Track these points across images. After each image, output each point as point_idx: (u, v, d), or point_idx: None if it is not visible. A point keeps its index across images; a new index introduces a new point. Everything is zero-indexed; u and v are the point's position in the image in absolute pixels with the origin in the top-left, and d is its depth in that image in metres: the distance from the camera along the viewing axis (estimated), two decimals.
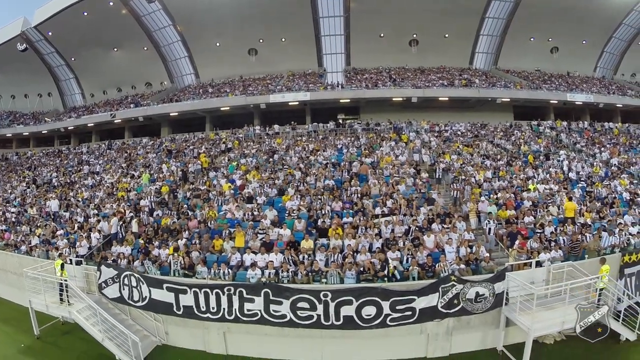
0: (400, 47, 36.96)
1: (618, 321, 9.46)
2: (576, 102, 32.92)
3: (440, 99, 29.03)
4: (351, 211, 13.16)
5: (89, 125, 33.36)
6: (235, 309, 9.65)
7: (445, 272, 9.42)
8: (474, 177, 15.49)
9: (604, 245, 10.71)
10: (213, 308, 9.82)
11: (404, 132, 23.54)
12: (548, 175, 16.89)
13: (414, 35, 36.98)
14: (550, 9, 35.73)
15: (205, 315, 9.95)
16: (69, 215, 18.38)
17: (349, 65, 37.35)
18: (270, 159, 20.44)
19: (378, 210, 12.87)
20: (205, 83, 37.24)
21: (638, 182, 17.90)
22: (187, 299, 9.99)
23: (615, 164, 20.87)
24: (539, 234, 10.99)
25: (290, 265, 10.36)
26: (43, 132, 34.59)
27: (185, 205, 16.25)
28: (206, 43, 36.30)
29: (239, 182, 17.69)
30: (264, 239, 12.15)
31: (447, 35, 36.94)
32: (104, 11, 33.04)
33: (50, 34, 34.56)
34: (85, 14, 33.26)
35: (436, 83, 30.39)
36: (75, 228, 15.91)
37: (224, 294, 9.65)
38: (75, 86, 39.04)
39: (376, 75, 33.78)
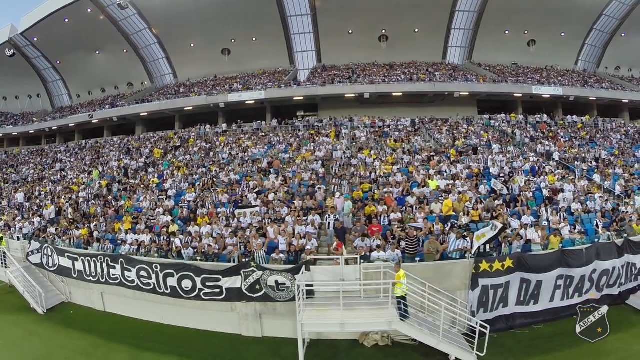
0: (370, 43, 37.78)
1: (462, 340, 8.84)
2: (543, 96, 32.75)
3: (394, 94, 29.68)
4: (227, 203, 14.82)
5: (70, 125, 36.12)
6: (105, 274, 12.00)
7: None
8: (375, 172, 16.43)
9: (452, 249, 10.30)
10: (93, 273, 12.31)
11: (345, 128, 24.56)
12: (468, 170, 16.80)
13: (383, 31, 37.69)
14: (524, 0, 35.57)
15: (89, 279, 12.49)
16: (28, 206, 21.09)
17: (320, 63, 38.47)
18: (206, 156, 22.09)
19: (259, 202, 14.22)
20: (182, 83, 39.32)
21: (575, 177, 17.47)
22: (79, 265, 12.65)
23: (556, 159, 20.87)
24: (391, 231, 11.39)
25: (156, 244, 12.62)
26: (30, 132, 37.72)
27: (114, 197, 18.56)
28: (181, 44, 38.38)
29: (167, 177, 19.59)
30: (148, 223, 14.48)
31: (417, 30, 37.47)
32: (84, 17, 35.57)
33: (35, 39, 37.52)
34: (67, 20, 35.92)
35: (394, 79, 30.98)
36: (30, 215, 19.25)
37: (98, 262, 12.12)
38: (62, 87, 42.16)
39: (341, 72, 34.69)
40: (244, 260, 10.63)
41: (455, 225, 11.42)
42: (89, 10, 35.32)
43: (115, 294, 12.29)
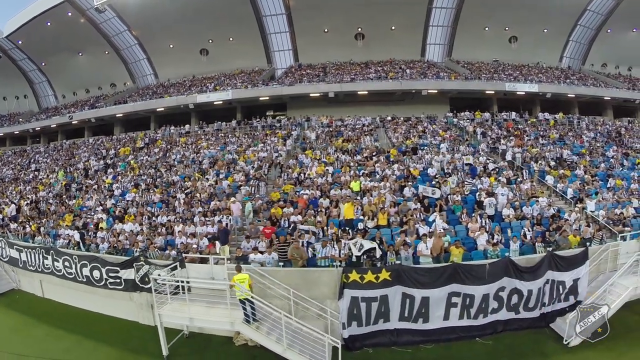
0: (346, 42, 38.12)
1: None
2: (518, 93, 32.63)
3: (359, 93, 30.04)
4: (161, 203, 15.60)
5: (52, 126, 37.59)
6: (41, 264, 13.59)
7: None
8: (303, 173, 16.99)
9: (321, 255, 10.32)
10: (33, 263, 13.95)
11: (302, 128, 25.11)
12: (400, 171, 16.77)
13: (359, 29, 37.99)
14: None
15: (30, 268, 14.12)
16: None
17: (297, 62, 39.01)
18: (162, 157, 23.01)
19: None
20: (161, 83, 40.40)
21: (524, 178, 17.19)
22: (23, 256, 14.37)
23: (508, 159, 20.33)
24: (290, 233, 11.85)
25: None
26: (15, 132, 39.41)
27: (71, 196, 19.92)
28: (161, 45, 39.40)
29: (120, 178, 20.60)
30: (84, 220, 15.73)
31: (393, 28, 37.64)
32: (65, 21, 36.88)
33: (20, 42, 39.08)
34: (49, 23, 37.28)
35: (362, 77, 31.29)
36: None
37: (37, 253, 13.74)
38: (48, 88, 43.80)
39: (314, 71, 35.19)
40: (137, 254, 11.53)
41: (361, 229, 11.48)
42: (70, 14, 36.60)
43: (50, 282, 13.86)
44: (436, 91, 30.60)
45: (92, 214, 16.90)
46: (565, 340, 9.53)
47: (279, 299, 9.78)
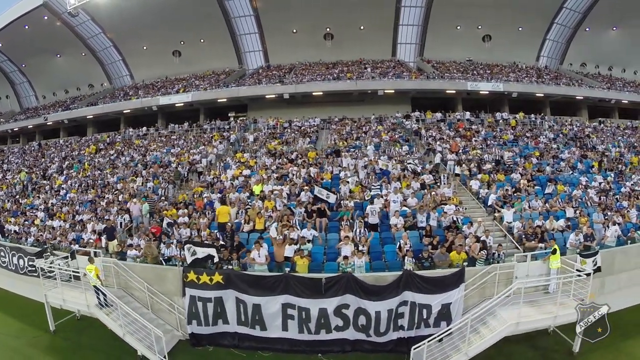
0: (315, 42, 39.04)
1: None
2: (481, 92, 32.99)
3: (314, 94, 30.94)
4: (89, 202, 17.07)
5: (29, 127, 39.69)
6: None
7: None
8: (218, 176, 18.04)
9: (167, 255, 11.24)
10: None
11: (250, 130, 26.20)
12: (306, 175, 16.48)
13: (328, 29, 38.81)
14: None
15: None
16: None
17: (267, 62, 40.15)
18: (116, 159, 24.58)
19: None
20: (135, 84, 42.08)
21: (441, 183, 16.53)
22: None
23: (437, 161, 19.62)
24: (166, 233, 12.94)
25: None
26: None
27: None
28: (134, 47, 41.01)
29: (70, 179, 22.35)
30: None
31: (362, 28, 38.35)
32: (42, 24, 38.71)
33: (0, 45, 41.26)
34: (27, 27, 39.22)
35: (319, 78, 32.15)
36: None
37: None
38: (29, 89, 46.04)
39: (278, 71, 36.23)
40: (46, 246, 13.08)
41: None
42: (46, 18, 38.42)
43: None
44: (393, 91, 31.16)
45: (34, 212, 18.65)
46: None
47: (138, 291, 11.08)
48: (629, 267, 11.65)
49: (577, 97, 34.88)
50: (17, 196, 23.04)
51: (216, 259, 10.17)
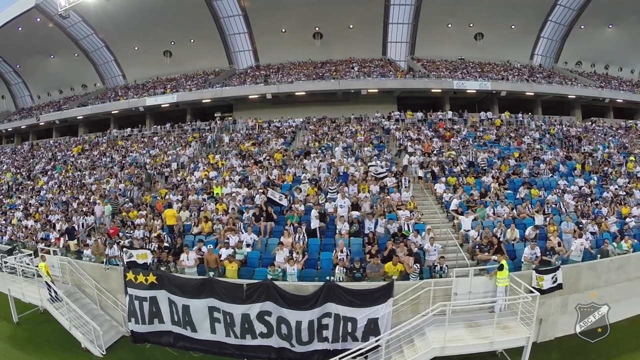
0: (304, 41, 39.23)
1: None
2: (468, 91, 32.93)
3: (297, 94, 31.26)
4: (63, 203, 17.83)
5: (22, 127, 40.86)
6: None
7: None
8: (184, 178, 18.57)
9: (110, 255, 11.68)
10: None
11: (228, 130, 26.67)
12: (265, 177, 16.58)
13: (317, 28, 39.02)
14: None
15: None
16: None
17: (257, 62, 40.61)
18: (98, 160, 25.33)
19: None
20: (126, 84, 42.94)
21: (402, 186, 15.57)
22: None
23: (405, 163, 19.15)
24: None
25: None
26: None
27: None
28: (126, 47, 41.75)
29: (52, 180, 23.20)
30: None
31: (351, 26, 38.45)
32: (34, 26, 39.73)
33: None
34: (20, 29, 40.31)
35: (302, 78, 32.46)
36: None
37: None
38: (24, 89, 47.24)
39: (266, 71, 36.65)
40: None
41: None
42: (39, 20, 39.39)
43: None
44: (377, 90, 31.29)
45: (12, 211, 19.55)
46: None
47: (89, 288, 11.79)
48: (599, 284, 10.52)
49: (569, 96, 34.59)
50: (2, 196, 24.00)
51: (149, 261, 10.61)
